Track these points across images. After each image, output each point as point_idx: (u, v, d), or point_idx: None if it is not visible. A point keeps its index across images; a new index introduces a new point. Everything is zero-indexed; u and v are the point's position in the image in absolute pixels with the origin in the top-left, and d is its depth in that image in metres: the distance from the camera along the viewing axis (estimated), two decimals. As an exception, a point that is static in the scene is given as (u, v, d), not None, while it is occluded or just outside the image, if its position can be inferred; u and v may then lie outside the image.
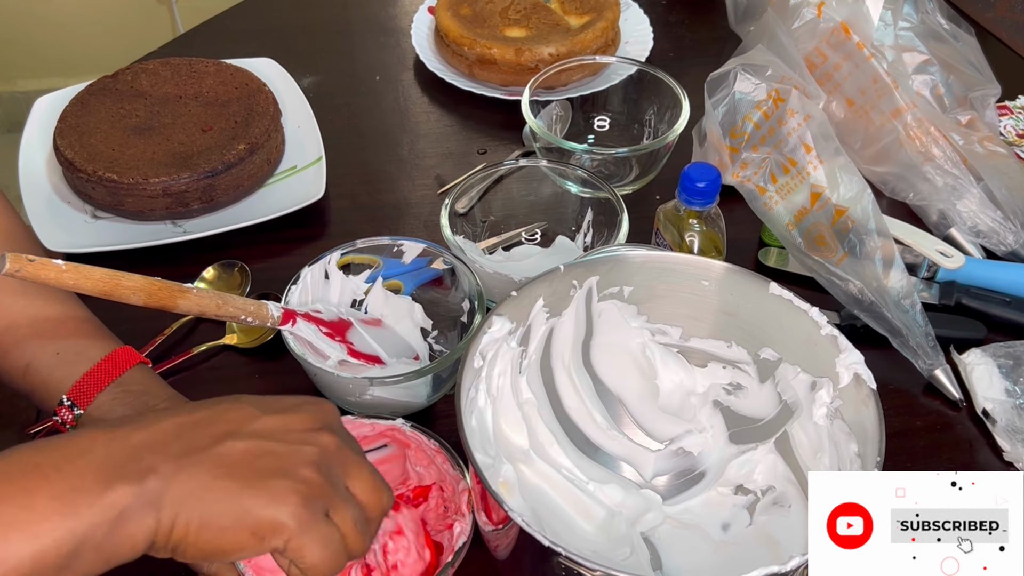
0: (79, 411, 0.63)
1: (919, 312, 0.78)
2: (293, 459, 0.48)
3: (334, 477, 0.49)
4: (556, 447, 0.69)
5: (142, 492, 0.43)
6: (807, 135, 0.82)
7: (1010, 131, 1.06)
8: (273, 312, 0.68)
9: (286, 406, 0.51)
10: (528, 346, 0.67)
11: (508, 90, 1.08)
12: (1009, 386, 0.77)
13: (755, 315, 0.66)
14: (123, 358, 0.66)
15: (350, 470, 0.50)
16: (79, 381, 0.64)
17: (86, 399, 0.63)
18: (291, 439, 0.49)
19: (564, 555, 0.49)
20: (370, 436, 0.67)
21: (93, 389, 0.64)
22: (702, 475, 0.69)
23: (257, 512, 0.45)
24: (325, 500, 0.48)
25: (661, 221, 0.83)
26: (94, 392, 0.63)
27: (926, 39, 0.98)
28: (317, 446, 0.49)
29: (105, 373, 0.64)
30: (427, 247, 0.77)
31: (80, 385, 0.64)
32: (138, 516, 0.43)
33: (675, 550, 0.65)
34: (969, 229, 0.90)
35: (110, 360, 0.65)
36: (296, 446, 0.48)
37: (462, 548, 0.60)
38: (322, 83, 1.11)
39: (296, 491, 0.46)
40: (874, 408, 0.57)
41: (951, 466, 0.74)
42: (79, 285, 0.57)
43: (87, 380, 0.64)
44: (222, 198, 0.91)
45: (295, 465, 0.47)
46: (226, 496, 0.45)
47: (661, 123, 0.99)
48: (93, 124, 0.93)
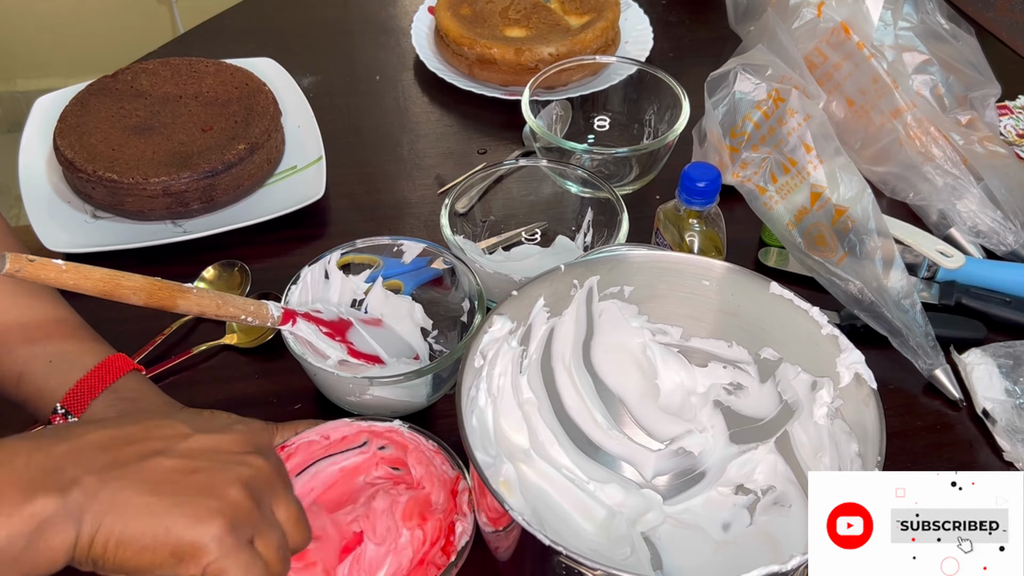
0: (73, 418, 0.63)
1: (919, 312, 0.78)
2: (222, 479, 0.46)
3: (263, 502, 0.48)
4: (556, 447, 0.69)
5: (64, 504, 0.42)
6: (807, 135, 0.82)
7: (1010, 131, 1.06)
8: (273, 312, 0.68)
9: (218, 426, 0.50)
10: (529, 346, 0.67)
11: (508, 90, 1.08)
12: (1009, 386, 0.77)
13: (756, 315, 0.66)
14: (116, 365, 0.65)
15: (278, 497, 0.49)
16: (73, 389, 0.63)
17: (80, 406, 0.63)
18: (222, 459, 0.48)
19: (565, 554, 0.49)
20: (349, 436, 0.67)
21: (87, 396, 0.63)
22: (702, 475, 0.69)
23: (179, 532, 0.44)
24: (251, 525, 0.47)
25: (661, 221, 0.83)
26: (88, 399, 0.63)
27: (926, 39, 0.98)
28: (249, 468, 0.48)
29: (99, 380, 0.64)
30: (427, 247, 0.77)
31: (74, 393, 0.63)
32: (59, 528, 0.42)
33: (675, 550, 0.65)
34: (969, 229, 0.90)
35: (103, 367, 0.65)
36: (226, 466, 0.47)
37: (465, 547, 0.60)
38: (322, 83, 1.11)
39: (222, 513, 0.45)
40: (875, 408, 0.57)
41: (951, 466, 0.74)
42: (79, 285, 0.57)
43: (81, 387, 0.64)
44: (222, 198, 0.91)
45: (224, 485, 0.46)
46: (148, 513, 0.44)
47: (661, 123, 0.99)
48: (93, 124, 0.93)
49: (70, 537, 0.43)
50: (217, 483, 0.46)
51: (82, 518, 0.43)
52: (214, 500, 0.45)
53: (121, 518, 0.44)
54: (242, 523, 0.46)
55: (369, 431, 0.67)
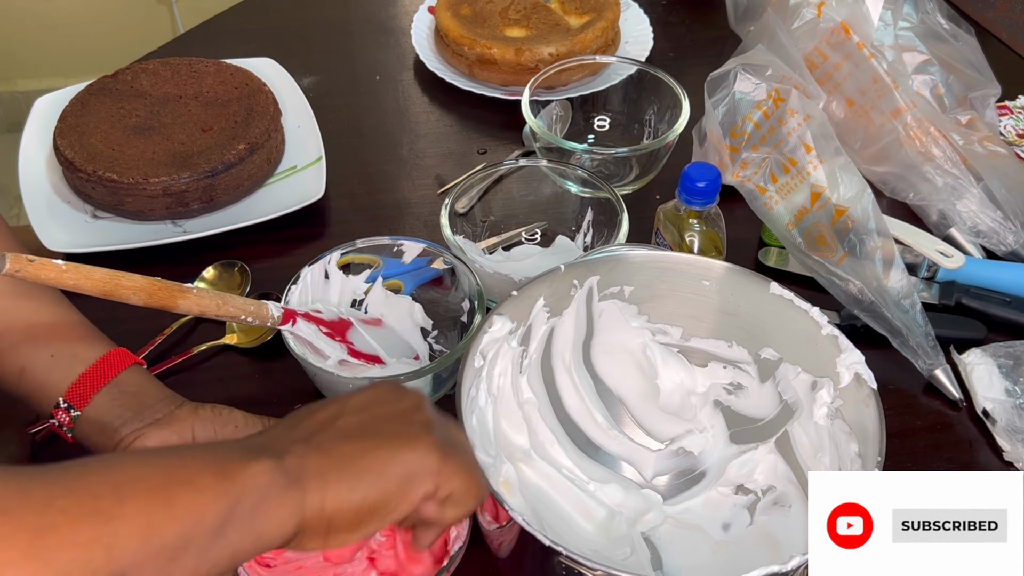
0: (76, 412, 0.63)
1: (919, 312, 0.78)
2: (403, 413, 0.50)
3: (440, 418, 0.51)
4: (557, 447, 0.69)
5: (284, 468, 0.44)
6: (807, 135, 0.82)
7: (1010, 131, 1.06)
8: (273, 312, 0.68)
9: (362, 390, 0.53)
10: (529, 346, 0.67)
11: (508, 90, 1.08)
12: (1009, 386, 0.77)
13: (756, 315, 0.66)
14: (117, 359, 0.65)
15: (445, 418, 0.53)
16: (75, 383, 0.63)
17: (82, 401, 0.63)
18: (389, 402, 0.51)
19: (565, 554, 0.50)
20: None
21: (89, 391, 0.63)
22: (702, 475, 0.69)
23: (403, 456, 0.47)
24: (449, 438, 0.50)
25: (661, 221, 0.83)
26: (90, 393, 0.63)
27: (926, 39, 0.98)
28: (412, 401, 0.51)
29: (100, 375, 0.64)
30: (427, 247, 0.77)
31: (76, 387, 0.63)
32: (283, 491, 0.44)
33: (675, 550, 0.65)
34: (969, 229, 0.90)
35: (105, 362, 0.65)
36: (397, 404, 0.51)
37: (457, 553, 0.60)
38: (322, 83, 1.11)
39: (425, 431, 0.49)
40: (875, 408, 0.57)
41: (951, 466, 0.75)
42: (79, 285, 0.57)
43: (83, 382, 0.64)
44: (222, 198, 0.91)
45: (410, 412, 0.50)
46: (364, 455, 0.47)
47: (661, 123, 0.99)
48: (93, 124, 0.93)
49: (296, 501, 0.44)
50: (404, 414, 0.50)
51: (304, 481, 0.44)
52: (412, 426, 0.49)
53: (343, 469, 0.46)
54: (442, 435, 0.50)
55: None
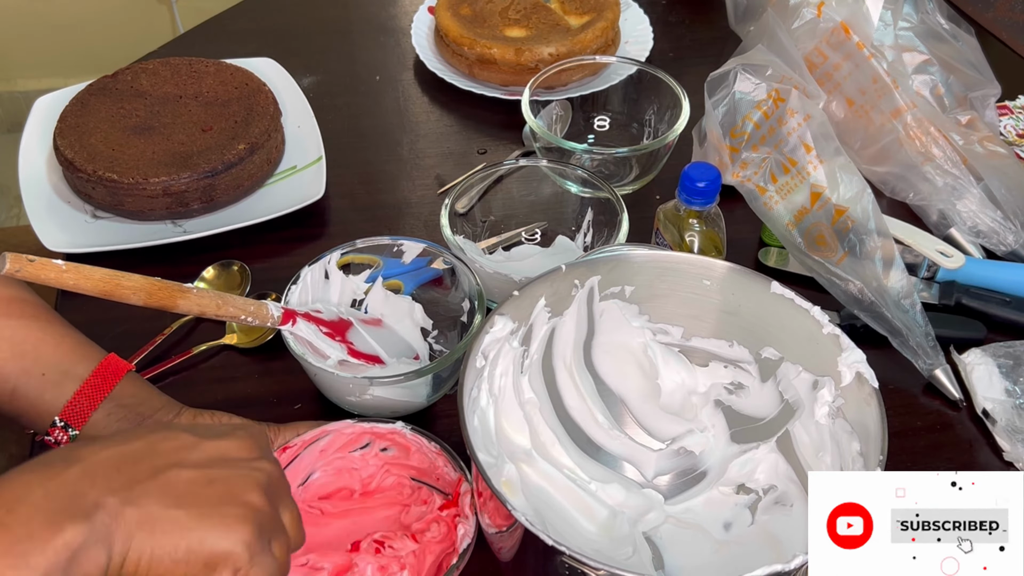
0: (74, 431, 0.63)
1: (919, 312, 0.78)
2: (240, 486, 0.47)
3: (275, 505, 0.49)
4: (558, 447, 0.69)
5: (92, 529, 0.42)
6: (807, 135, 0.82)
7: (1010, 131, 1.06)
8: (273, 312, 0.68)
9: (220, 431, 0.50)
10: (530, 346, 0.67)
11: (508, 90, 1.08)
12: (1009, 386, 0.77)
13: (757, 314, 0.66)
14: (111, 370, 0.65)
15: (284, 500, 0.50)
16: (71, 401, 0.63)
17: (81, 420, 0.63)
18: (234, 466, 0.48)
19: (568, 554, 0.49)
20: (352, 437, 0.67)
21: (87, 408, 0.63)
22: (704, 474, 0.69)
23: (212, 542, 0.45)
24: (271, 529, 0.48)
25: (661, 221, 0.83)
26: (88, 411, 0.63)
27: (926, 39, 0.98)
28: (260, 472, 0.49)
29: (96, 390, 0.63)
30: (427, 247, 0.77)
31: (72, 405, 0.63)
32: (91, 553, 0.42)
33: (677, 549, 0.65)
34: (969, 229, 0.90)
35: (98, 375, 0.64)
36: (240, 473, 0.48)
37: (467, 550, 0.60)
38: (322, 83, 1.11)
39: (248, 519, 0.46)
40: (876, 407, 0.57)
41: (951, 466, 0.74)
42: (79, 285, 0.57)
43: (79, 400, 0.63)
44: (222, 198, 0.91)
45: (243, 492, 0.47)
46: (177, 527, 0.44)
47: (661, 123, 0.99)
48: (93, 124, 0.93)
49: (102, 561, 0.43)
50: (237, 490, 0.47)
51: (111, 540, 0.43)
52: (238, 507, 0.46)
53: (151, 535, 0.44)
54: (265, 527, 0.47)
55: (372, 432, 0.67)
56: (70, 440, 0.63)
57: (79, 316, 0.71)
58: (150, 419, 0.63)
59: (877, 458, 0.55)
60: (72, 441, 0.63)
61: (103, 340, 0.69)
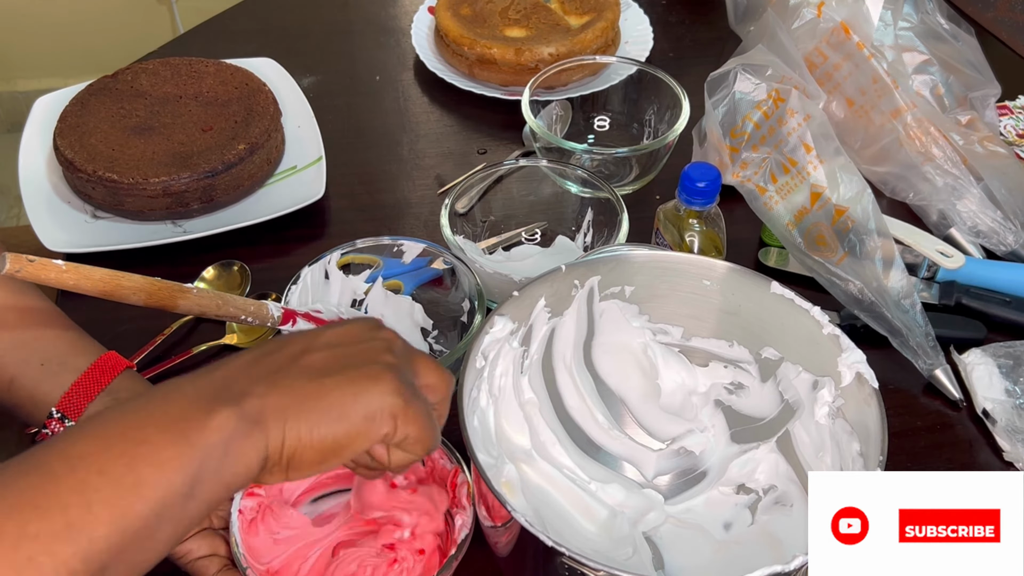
0: (70, 422, 0.63)
1: (919, 312, 0.78)
2: (371, 351, 0.50)
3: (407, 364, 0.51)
4: (558, 447, 0.69)
5: (243, 413, 0.44)
6: (807, 135, 0.82)
7: (1010, 131, 1.06)
8: (273, 312, 0.68)
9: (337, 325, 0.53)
10: (530, 346, 0.67)
11: (508, 90, 1.08)
12: (1009, 386, 0.77)
13: (757, 314, 0.66)
14: (109, 365, 0.65)
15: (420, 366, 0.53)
16: (68, 392, 0.63)
17: (76, 410, 0.63)
18: (359, 339, 0.51)
19: (567, 555, 0.49)
20: None
21: (83, 400, 0.63)
22: (704, 474, 0.69)
23: (365, 399, 0.47)
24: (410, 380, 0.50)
25: (661, 221, 0.83)
26: (84, 403, 0.63)
27: (926, 39, 0.98)
28: (383, 340, 0.51)
29: (94, 382, 0.64)
30: (427, 247, 0.77)
31: (69, 396, 0.63)
32: (246, 436, 0.44)
33: (677, 550, 0.65)
34: (969, 229, 0.90)
35: (97, 368, 0.64)
36: (368, 342, 0.51)
37: (465, 540, 0.60)
38: (322, 83, 1.11)
39: (389, 371, 0.49)
40: (876, 407, 0.57)
41: (951, 466, 0.75)
42: (79, 285, 0.57)
43: (76, 391, 0.63)
44: (222, 198, 0.91)
45: (376, 353, 0.50)
46: (327, 394, 0.47)
47: (661, 123, 0.99)
48: (93, 124, 0.93)
49: (259, 442, 0.45)
50: (370, 354, 0.50)
51: (265, 422, 0.45)
52: (377, 366, 0.49)
53: (302, 409, 0.46)
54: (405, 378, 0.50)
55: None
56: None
57: (79, 316, 0.71)
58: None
59: (877, 458, 0.55)
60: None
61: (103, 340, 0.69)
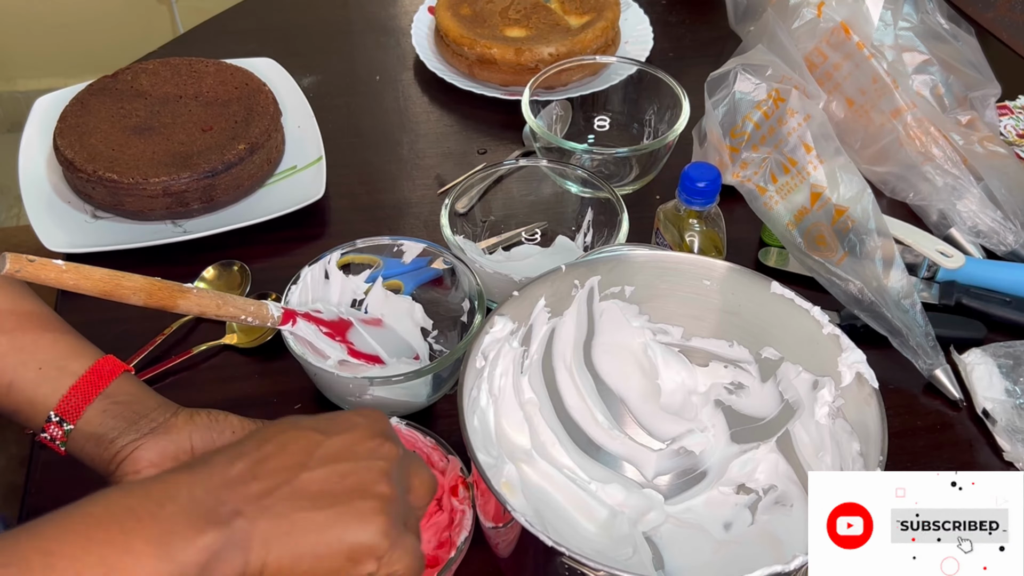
0: (69, 426, 0.63)
1: (919, 312, 0.78)
2: (368, 477, 0.49)
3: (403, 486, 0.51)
4: (558, 447, 0.69)
5: (231, 535, 0.45)
6: (807, 135, 0.82)
7: (1010, 131, 1.06)
8: (273, 312, 0.68)
9: (343, 425, 0.52)
10: (530, 346, 0.67)
11: (508, 90, 1.08)
12: (1009, 386, 0.77)
13: (757, 314, 0.66)
14: (107, 369, 0.65)
15: (410, 473, 0.52)
16: (65, 396, 0.63)
17: (75, 414, 0.63)
18: (360, 456, 0.50)
19: (567, 555, 0.50)
20: None
21: (81, 403, 0.63)
22: (704, 474, 0.69)
23: (351, 537, 0.47)
24: (403, 513, 0.50)
25: (661, 221, 0.83)
26: (82, 406, 0.63)
27: (926, 39, 0.98)
28: (385, 459, 0.50)
29: (91, 385, 0.63)
30: (427, 247, 0.77)
31: (67, 400, 0.63)
32: (229, 558, 0.44)
33: (677, 550, 0.65)
34: (969, 229, 0.90)
35: (94, 372, 0.64)
36: (367, 463, 0.50)
37: (465, 541, 0.60)
38: (322, 83, 1.11)
39: (382, 509, 0.48)
40: (876, 407, 0.57)
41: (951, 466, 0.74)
42: (79, 285, 0.57)
43: (74, 394, 0.63)
44: (222, 198, 0.91)
45: (371, 483, 0.49)
46: (315, 528, 0.47)
47: (661, 123, 0.99)
48: (93, 124, 0.93)
49: (239, 565, 0.45)
50: (366, 482, 0.49)
51: (249, 546, 0.45)
52: (370, 499, 0.48)
53: (290, 538, 0.46)
54: (398, 513, 0.49)
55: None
56: (65, 435, 0.63)
57: (79, 316, 0.71)
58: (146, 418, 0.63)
59: (877, 458, 0.55)
60: (67, 436, 0.63)
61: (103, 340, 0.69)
